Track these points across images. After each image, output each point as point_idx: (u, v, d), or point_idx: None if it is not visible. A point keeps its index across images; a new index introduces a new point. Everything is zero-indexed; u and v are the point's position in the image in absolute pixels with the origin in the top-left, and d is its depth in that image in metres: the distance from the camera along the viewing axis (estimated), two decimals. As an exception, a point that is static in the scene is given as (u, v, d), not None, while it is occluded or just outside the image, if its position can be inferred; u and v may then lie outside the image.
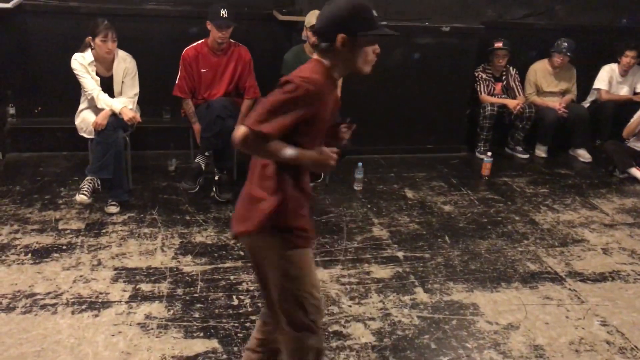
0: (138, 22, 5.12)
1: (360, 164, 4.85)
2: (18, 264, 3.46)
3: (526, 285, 3.56)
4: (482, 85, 5.81)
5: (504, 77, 5.89)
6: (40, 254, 3.58)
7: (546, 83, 5.95)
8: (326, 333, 2.98)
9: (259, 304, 3.19)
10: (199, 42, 4.57)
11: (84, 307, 3.08)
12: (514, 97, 5.86)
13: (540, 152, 5.98)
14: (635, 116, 5.41)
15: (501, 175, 5.37)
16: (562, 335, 3.08)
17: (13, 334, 2.84)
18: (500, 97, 5.84)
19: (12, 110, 5.18)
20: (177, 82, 4.57)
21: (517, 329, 3.11)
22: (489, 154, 5.38)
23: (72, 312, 3.03)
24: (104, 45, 4.14)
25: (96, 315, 3.02)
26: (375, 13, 2.17)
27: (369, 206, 4.55)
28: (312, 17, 4.59)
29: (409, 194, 4.85)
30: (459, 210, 4.57)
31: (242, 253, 3.71)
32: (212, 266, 3.56)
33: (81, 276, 3.37)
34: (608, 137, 5.80)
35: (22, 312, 3.01)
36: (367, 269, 3.64)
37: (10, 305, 3.06)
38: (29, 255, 3.57)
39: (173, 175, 4.91)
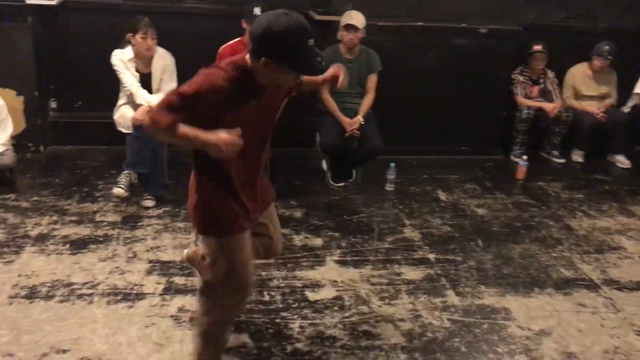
0: (177, 19, 5.20)
1: (392, 164, 4.84)
2: (57, 253, 3.56)
3: (560, 291, 3.50)
4: (519, 88, 5.74)
5: (541, 80, 5.81)
6: (78, 245, 3.67)
7: (585, 87, 5.84)
8: (355, 332, 2.99)
9: (290, 301, 3.22)
10: (235, 40, 4.61)
11: (119, 298, 3.15)
12: (552, 101, 5.77)
13: (577, 157, 5.88)
14: None
15: (536, 179, 5.29)
16: (596, 343, 3.03)
17: (51, 321, 2.92)
18: (538, 101, 5.76)
19: (53, 105, 5.32)
20: (213, 79, 4.61)
21: (550, 336, 3.07)
22: (525, 157, 5.31)
23: (108, 303, 3.10)
24: (143, 42, 4.22)
25: (130, 307, 3.08)
26: (311, 42, 2.07)
27: (400, 207, 4.54)
28: (347, 17, 4.61)
29: (442, 195, 4.82)
30: (493, 214, 4.52)
31: (273, 250, 3.74)
32: (244, 262, 3.60)
33: (117, 267, 3.45)
34: (648, 143, 5.67)
35: (60, 301, 3.09)
36: (398, 269, 3.63)
37: (49, 294, 3.15)
38: (67, 245, 3.66)
39: (207, 172, 4.97)
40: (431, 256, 3.82)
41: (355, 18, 4.59)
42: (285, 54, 2.02)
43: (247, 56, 2.13)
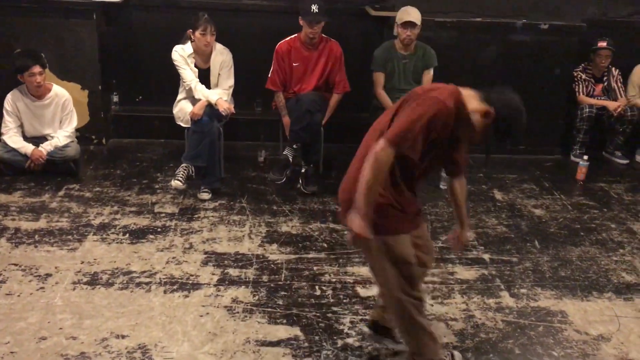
0: (235, 16, 5.29)
1: (447, 162, 4.77)
2: (117, 242, 3.68)
3: (620, 296, 3.39)
4: (581, 86, 5.56)
5: (605, 78, 5.60)
6: (137, 235, 3.79)
7: (651, 85, 5.60)
8: (407, 330, 2.98)
9: (341, 296, 3.23)
10: (292, 36, 4.66)
11: (175, 287, 3.24)
12: (615, 99, 5.56)
13: (642, 157, 5.66)
14: None
15: (597, 180, 5.12)
16: (658, 351, 2.92)
17: (111, 307, 3.04)
18: (601, 99, 5.56)
19: (115, 99, 5.51)
20: (269, 75, 4.68)
21: (609, 341, 2.97)
22: (585, 157, 5.14)
23: (165, 292, 3.19)
24: (202, 38, 4.31)
25: (186, 296, 3.16)
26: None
27: (455, 206, 4.47)
28: (403, 14, 4.57)
29: (498, 195, 4.73)
30: (551, 215, 4.40)
31: (325, 245, 3.76)
32: (297, 256, 3.63)
33: (174, 258, 3.54)
34: None
35: (119, 288, 3.20)
36: (452, 269, 3.59)
37: (110, 281, 3.27)
38: (127, 235, 3.78)
39: (262, 166, 5.05)
40: (486, 256, 3.76)
41: (412, 14, 4.54)
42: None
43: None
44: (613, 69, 5.59)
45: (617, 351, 2.90)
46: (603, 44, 5.40)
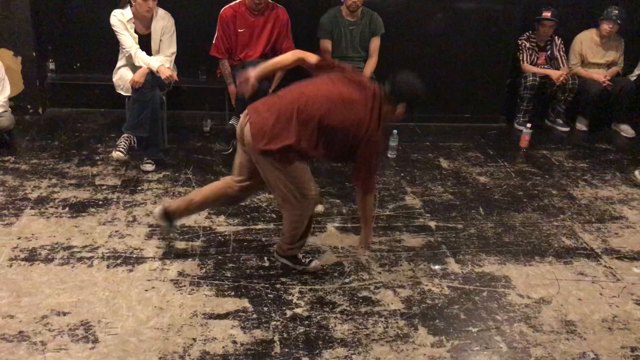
0: (177, -20, 5.08)
1: (395, 131, 4.79)
2: (56, 217, 3.55)
3: (560, 260, 3.50)
4: (525, 55, 5.64)
5: (548, 47, 5.70)
6: (78, 208, 3.65)
7: (592, 54, 5.74)
8: (355, 298, 3.00)
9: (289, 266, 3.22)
10: (237, 1, 4.52)
11: (118, 261, 3.15)
12: (558, 68, 5.68)
13: (582, 125, 5.82)
14: None
15: (540, 147, 5.25)
16: (595, 312, 3.04)
17: (51, 284, 2.93)
18: (544, 68, 5.67)
19: (52, 66, 5.24)
20: (214, 41, 4.54)
21: (549, 304, 3.08)
22: (529, 125, 5.26)
23: (107, 266, 3.10)
24: (144, 4, 4.12)
25: (130, 270, 3.08)
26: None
27: (402, 174, 4.51)
28: (351, -21, 4.50)
29: (444, 163, 4.78)
30: (495, 182, 4.49)
31: (274, 215, 3.73)
32: (245, 227, 3.59)
33: (116, 231, 3.44)
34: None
35: (59, 264, 3.09)
36: (399, 237, 3.62)
37: (49, 257, 3.14)
38: (67, 209, 3.64)
39: (207, 136, 4.94)
40: (432, 224, 3.81)
41: (360, -20, 4.48)
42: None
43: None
44: (556, 38, 5.69)
45: (557, 313, 3.00)
46: (547, 14, 5.47)
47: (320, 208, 3.83)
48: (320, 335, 2.72)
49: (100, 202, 3.74)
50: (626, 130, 5.75)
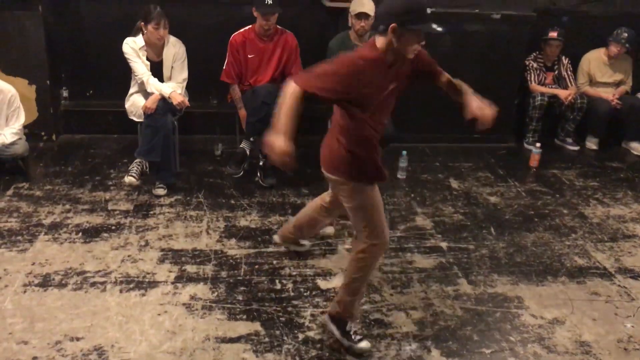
0: (188, 7, 5.17)
1: (404, 152, 4.81)
2: (69, 242, 3.58)
3: (573, 280, 3.48)
4: (532, 75, 5.67)
5: (555, 67, 5.73)
6: (91, 234, 3.69)
7: (600, 73, 5.76)
8: (367, 321, 2.99)
9: (301, 289, 3.22)
10: (247, 27, 4.60)
11: (131, 286, 3.17)
12: (566, 87, 5.70)
13: (591, 144, 5.81)
14: None
15: (550, 167, 5.24)
16: (610, 332, 3.01)
17: (65, 309, 2.95)
18: (552, 87, 5.69)
19: (65, 93, 5.33)
20: (224, 67, 4.61)
21: (563, 324, 3.05)
22: (538, 145, 5.26)
23: (120, 291, 3.12)
24: (155, 32, 4.20)
25: (143, 295, 3.10)
26: (428, 10, 2.51)
27: (412, 195, 4.52)
28: (357, 5, 4.55)
29: (454, 184, 4.79)
30: (505, 202, 4.49)
31: (285, 238, 3.74)
32: (256, 250, 3.60)
33: (129, 256, 3.46)
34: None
35: (73, 289, 3.11)
36: (410, 258, 3.62)
37: (63, 282, 3.17)
38: (80, 234, 3.68)
39: (219, 160, 4.98)
40: (443, 244, 3.80)
41: (366, 5, 4.53)
42: (413, 17, 2.41)
43: (376, 39, 2.49)
44: (563, 57, 5.72)
45: (571, 334, 2.98)
46: (554, 34, 5.51)
47: (330, 230, 3.84)
48: (332, 359, 2.71)
49: (113, 227, 3.78)
50: (636, 148, 5.73)
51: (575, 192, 4.75)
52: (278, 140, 2.34)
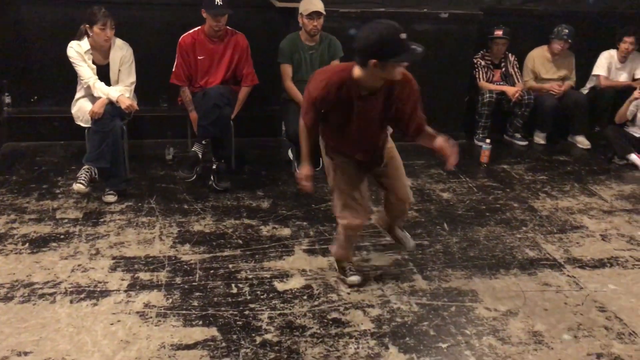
0: (134, 9, 5.07)
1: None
2: (15, 253, 3.45)
3: (525, 271, 3.56)
4: (481, 72, 5.78)
5: (502, 64, 5.86)
6: (38, 244, 3.57)
7: (545, 70, 5.92)
8: (325, 320, 2.99)
9: (258, 292, 3.19)
10: (196, 29, 4.54)
11: (82, 296, 3.08)
12: (513, 84, 5.83)
13: (539, 139, 5.97)
14: (626, 102, 5.42)
15: (500, 162, 5.36)
16: (560, 321, 3.09)
17: (11, 323, 2.84)
18: (499, 84, 5.82)
19: (7, 100, 5.15)
20: (173, 69, 4.53)
21: (516, 316, 3.12)
22: (488, 141, 5.36)
23: (71, 301, 3.03)
24: (102, 34, 4.10)
25: (95, 304, 3.01)
26: (403, 36, 2.62)
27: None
28: (308, 4, 4.55)
29: (408, 181, 4.82)
30: (458, 198, 4.56)
31: (240, 242, 3.71)
32: (211, 255, 3.55)
33: (79, 265, 3.36)
34: (607, 124, 5.77)
35: (20, 302, 3.00)
36: (366, 256, 3.63)
37: (8, 295, 3.05)
38: (27, 244, 3.56)
39: (170, 164, 4.90)
40: (398, 242, 3.83)
41: (317, 4, 4.54)
42: (391, 50, 2.56)
43: (354, 69, 2.72)
44: (510, 55, 5.85)
45: (524, 324, 3.04)
46: (499, 32, 5.64)
47: (287, 231, 3.82)
48: (291, 360, 2.70)
49: (62, 236, 3.67)
50: (582, 142, 5.91)
51: (524, 186, 4.87)
52: (303, 168, 3.06)
